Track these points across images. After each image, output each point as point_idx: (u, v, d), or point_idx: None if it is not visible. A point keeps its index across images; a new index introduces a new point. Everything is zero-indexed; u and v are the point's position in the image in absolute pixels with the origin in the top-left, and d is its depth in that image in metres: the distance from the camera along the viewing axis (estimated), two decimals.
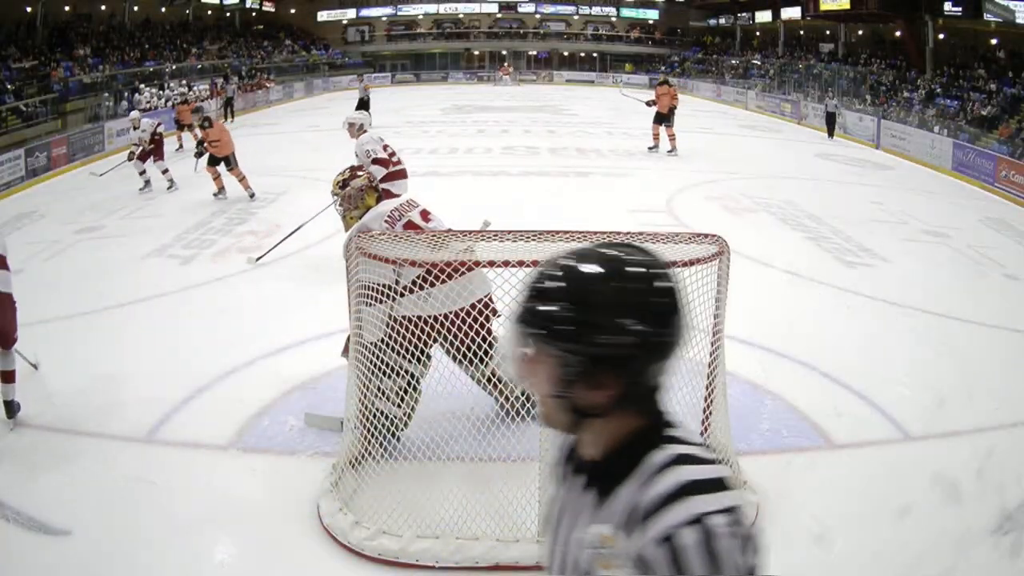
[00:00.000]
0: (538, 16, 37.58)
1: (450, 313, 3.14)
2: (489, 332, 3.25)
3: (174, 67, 23.47)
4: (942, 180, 12.71)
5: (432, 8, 36.89)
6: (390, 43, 36.94)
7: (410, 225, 3.52)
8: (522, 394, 3.47)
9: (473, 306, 3.09)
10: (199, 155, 9.65)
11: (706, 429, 3.26)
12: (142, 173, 9.75)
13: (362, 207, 3.66)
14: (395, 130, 16.54)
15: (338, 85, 30.49)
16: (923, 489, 3.24)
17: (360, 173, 3.77)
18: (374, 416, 3.20)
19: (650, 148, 13.17)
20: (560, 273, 0.94)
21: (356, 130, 6.87)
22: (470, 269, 2.99)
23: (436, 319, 3.18)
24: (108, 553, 2.83)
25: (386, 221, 3.49)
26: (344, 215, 3.73)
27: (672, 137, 12.90)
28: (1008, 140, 14.03)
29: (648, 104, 13.03)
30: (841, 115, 17.71)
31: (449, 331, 3.18)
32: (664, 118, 12.78)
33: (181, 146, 13.97)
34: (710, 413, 3.22)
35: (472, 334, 3.07)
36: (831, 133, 17.02)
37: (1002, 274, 6.77)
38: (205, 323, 5.22)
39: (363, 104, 16.24)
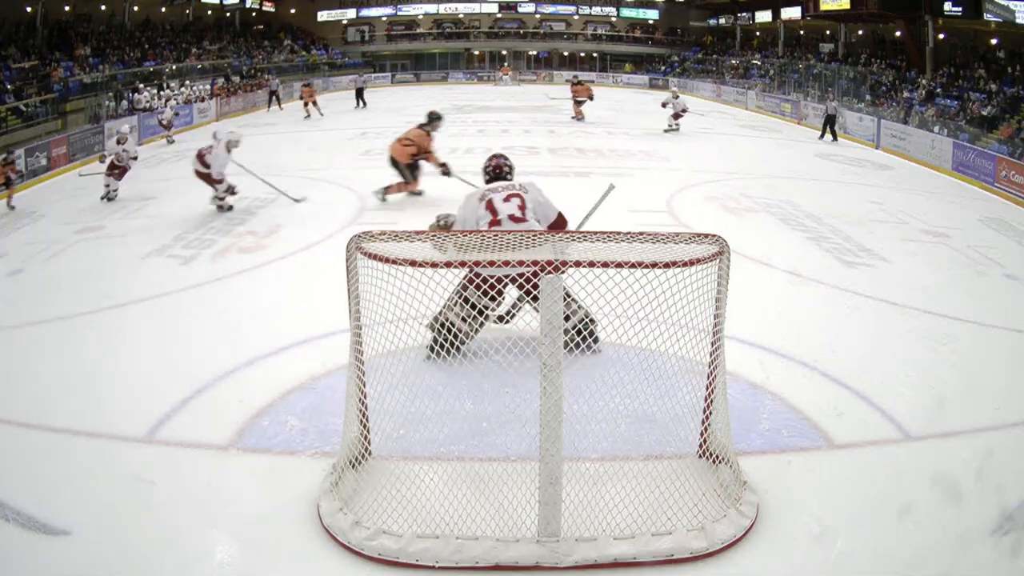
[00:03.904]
0: (538, 16, 37.59)
1: None
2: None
3: (174, 67, 23.49)
4: (942, 180, 12.71)
5: (432, 8, 36.91)
6: (390, 43, 36.96)
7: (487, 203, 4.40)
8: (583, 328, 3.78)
9: None
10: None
11: (706, 429, 3.26)
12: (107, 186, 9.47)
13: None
14: (395, 130, 16.53)
15: (338, 85, 30.52)
16: (923, 489, 3.25)
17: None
18: (441, 325, 3.55)
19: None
20: None
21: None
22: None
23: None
24: (108, 553, 2.83)
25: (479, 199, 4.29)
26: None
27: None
28: (1008, 140, 14.04)
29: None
30: (842, 116, 17.69)
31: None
32: None
33: (308, 115, 19.07)
34: (710, 413, 3.22)
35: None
36: (830, 134, 16.48)
37: (1002, 274, 6.76)
38: (205, 323, 5.22)
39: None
